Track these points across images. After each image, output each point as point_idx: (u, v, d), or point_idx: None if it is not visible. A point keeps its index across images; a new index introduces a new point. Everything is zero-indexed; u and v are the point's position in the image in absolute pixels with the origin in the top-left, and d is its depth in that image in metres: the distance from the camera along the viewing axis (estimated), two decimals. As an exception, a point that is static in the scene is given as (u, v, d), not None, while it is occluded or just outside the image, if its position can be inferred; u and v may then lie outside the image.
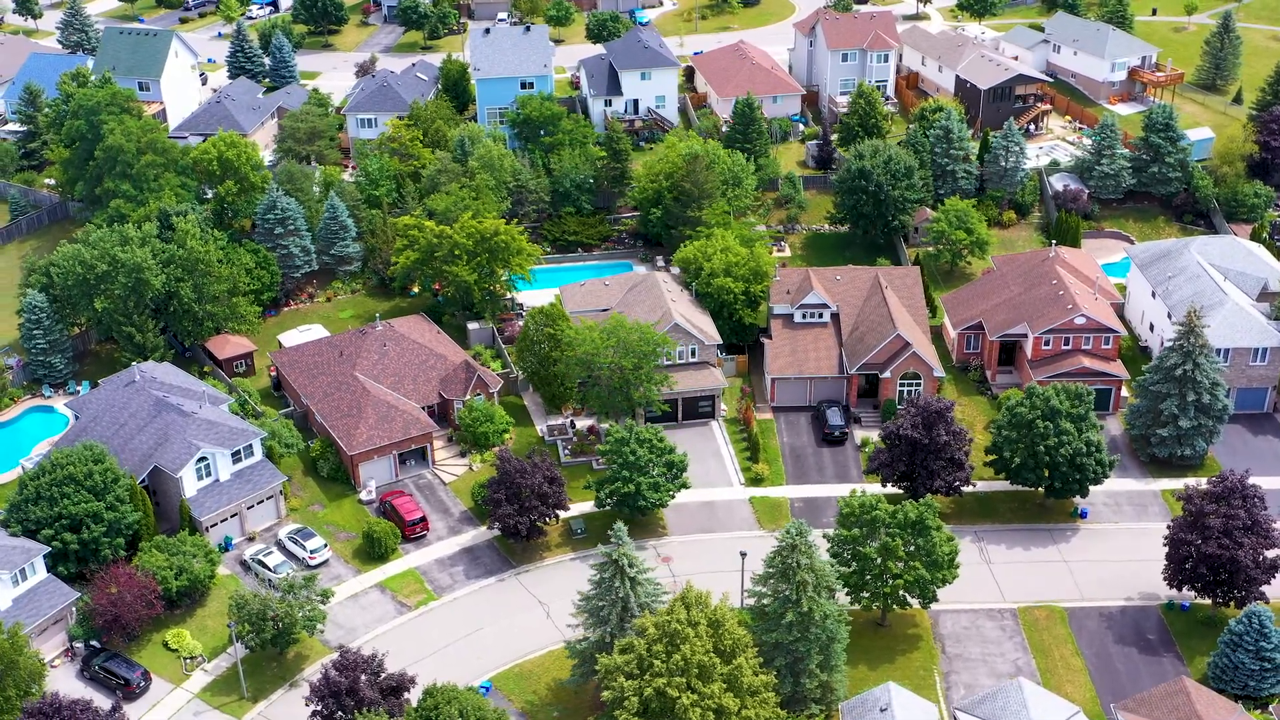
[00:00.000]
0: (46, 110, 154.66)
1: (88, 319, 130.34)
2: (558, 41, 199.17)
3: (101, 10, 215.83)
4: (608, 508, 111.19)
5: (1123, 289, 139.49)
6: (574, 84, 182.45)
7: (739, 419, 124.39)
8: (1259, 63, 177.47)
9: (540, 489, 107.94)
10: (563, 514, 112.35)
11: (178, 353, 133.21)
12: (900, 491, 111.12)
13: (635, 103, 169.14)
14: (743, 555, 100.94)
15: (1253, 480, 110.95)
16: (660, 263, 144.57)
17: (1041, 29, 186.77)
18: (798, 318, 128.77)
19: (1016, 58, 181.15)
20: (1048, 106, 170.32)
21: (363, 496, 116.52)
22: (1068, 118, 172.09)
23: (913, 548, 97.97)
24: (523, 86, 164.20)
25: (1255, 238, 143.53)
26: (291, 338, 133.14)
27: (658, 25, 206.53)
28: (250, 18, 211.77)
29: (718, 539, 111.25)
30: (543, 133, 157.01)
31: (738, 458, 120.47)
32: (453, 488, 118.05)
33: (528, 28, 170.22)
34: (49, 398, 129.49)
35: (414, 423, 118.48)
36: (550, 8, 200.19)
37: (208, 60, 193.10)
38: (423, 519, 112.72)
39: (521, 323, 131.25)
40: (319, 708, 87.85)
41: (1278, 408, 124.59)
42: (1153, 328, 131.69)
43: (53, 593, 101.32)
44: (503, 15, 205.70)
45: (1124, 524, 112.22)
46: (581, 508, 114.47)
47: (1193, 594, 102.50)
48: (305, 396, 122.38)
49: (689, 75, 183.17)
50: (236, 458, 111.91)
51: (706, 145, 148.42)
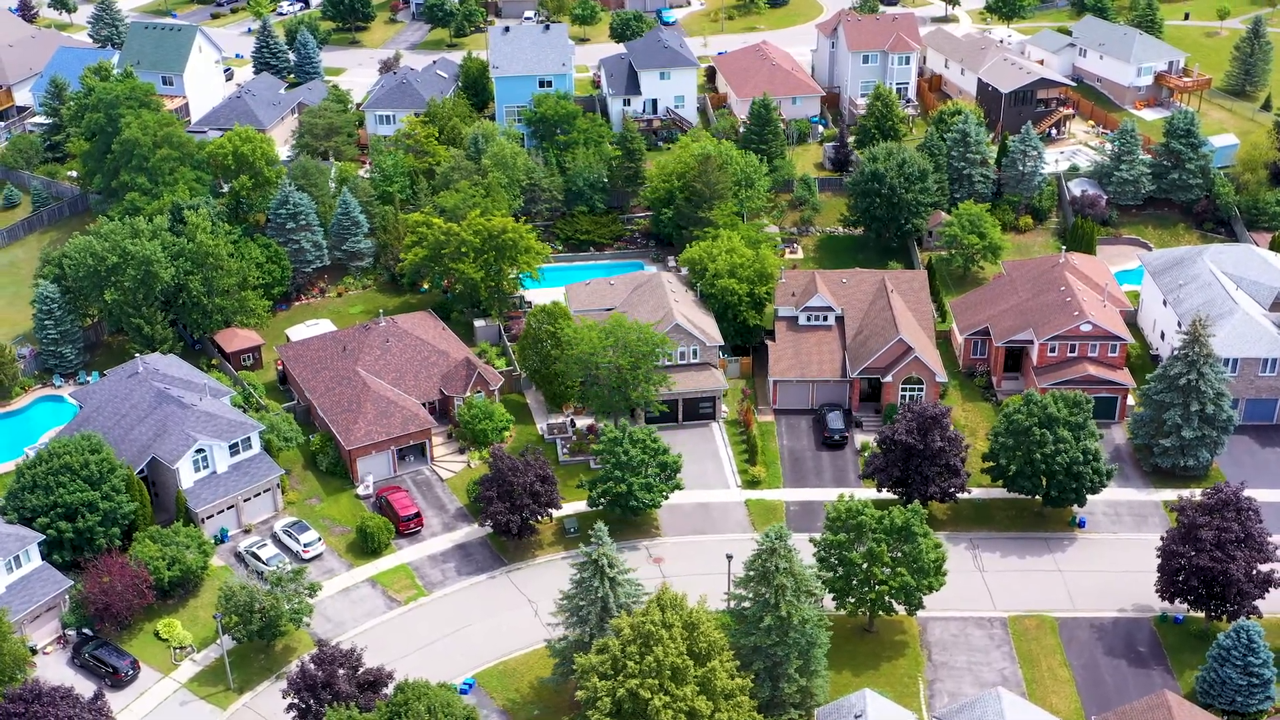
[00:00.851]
0: (70, 103, 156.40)
1: (98, 310, 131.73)
2: (582, 40, 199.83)
3: (135, 5, 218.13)
4: (600, 507, 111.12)
5: (1136, 296, 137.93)
6: (595, 83, 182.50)
7: (739, 421, 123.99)
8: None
9: (532, 487, 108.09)
10: (556, 513, 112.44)
11: (187, 345, 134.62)
12: (895, 497, 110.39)
13: (654, 102, 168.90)
14: (729, 558, 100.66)
15: (1259, 493, 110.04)
16: (671, 263, 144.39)
17: (1069, 33, 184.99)
18: (802, 320, 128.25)
19: (1042, 61, 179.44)
20: (1070, 111, 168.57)
21: (360, 491, 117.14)
22: (1091, 122, 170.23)
23: (899, 554, 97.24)
24: (541, 85, 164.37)
25: (1275, 246, 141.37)
26: (299, 332, 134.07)
27: (684, 25, 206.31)
28: (281, 14, 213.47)
29: (711, 541, 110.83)
30: (558, 131, 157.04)
31: (736, 460, 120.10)
32: (450, 484, 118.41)
33: (547, 26, 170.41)
34: (59, 387, 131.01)
35: (413, 419, 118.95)
36: (576, 6, 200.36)
37: (235, 55, 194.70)
38: (417, 515, 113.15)
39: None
40: (295, 700, 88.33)
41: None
42: (1164, 336, 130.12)
43: (46, 580, 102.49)
44: (529, 13, 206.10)
45: (1123, 534, 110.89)
46: (576, 507, 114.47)
47: (1185, 607, 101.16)
48: (308, 391, 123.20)
49: (710, 76, 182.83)
50: (234, 450, 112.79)
51: (720, 146, 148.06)
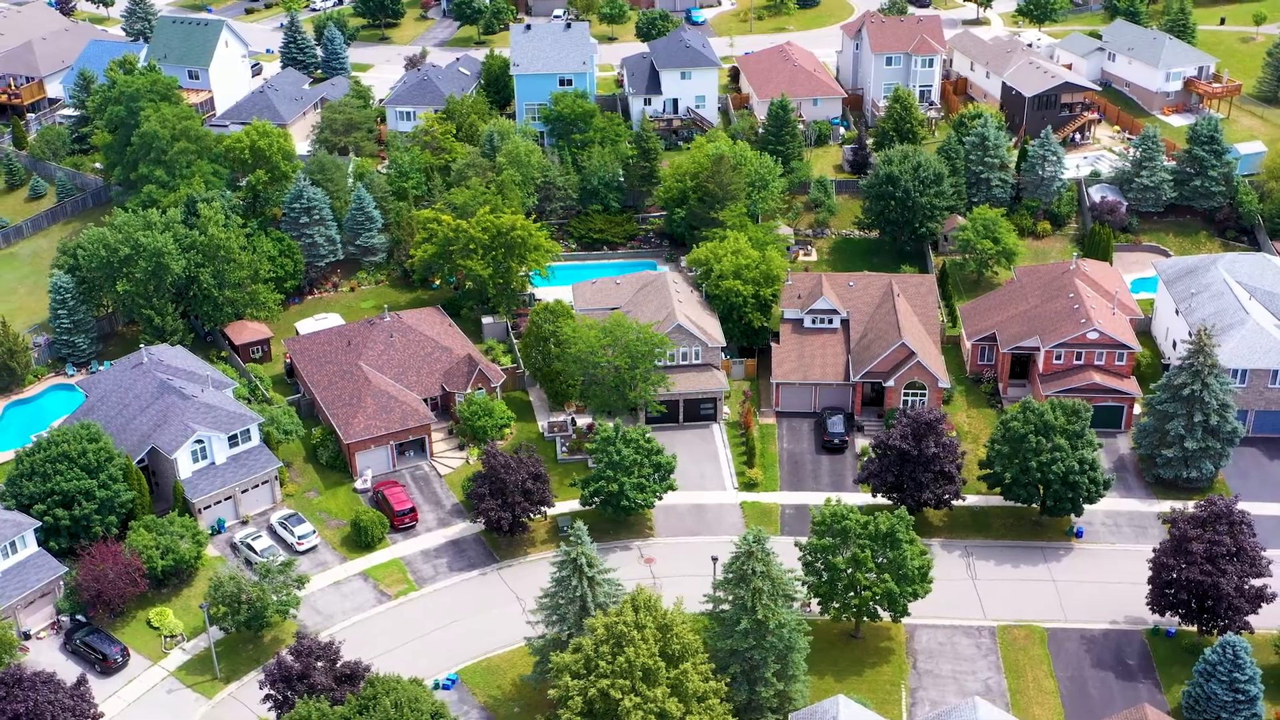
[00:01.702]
0: (95, 96, 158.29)
1: (111, 301, 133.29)
2: (610, 39, 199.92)
3: (170, 0, 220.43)
4: (593, 506, 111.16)
5: (1151, 305, 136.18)
6: (619, 82, 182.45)
7: (740, 423, 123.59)
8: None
9: (524, 485, 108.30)
10: (550, 511, 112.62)
11: (199, 337, 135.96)
12: (890, 502, 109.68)
13: (675, 102, 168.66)
14: (714, 560, 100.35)
15: (1265, 507, 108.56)
16: (681, 263, 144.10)
17: (1099, 36, 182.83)
18: (807, 323, 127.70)
19: (1070, 65, 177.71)
20: (1095, 115, 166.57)
21: (358, 485, 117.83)
22: (1116, 128, 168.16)
23: (884, 560, 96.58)
24: (562, 83, 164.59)
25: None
26: (307, 326, 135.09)
27: (714, 25, 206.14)
28: (314, 9, 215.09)
29: (704, 542, 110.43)
30: (575, 130, 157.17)
31: (734, 462, 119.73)
32: (448, 480, 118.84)
33: (568, 25, 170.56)
34: (71, 376, 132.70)
35: (412, 414, 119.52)
36: (604, 5, 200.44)
37: (266, 51, 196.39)
38: (412, 510, 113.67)
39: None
40: (271, 691, 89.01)
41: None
42: (1176, 345, 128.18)
43: (41, 567, 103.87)
44: (558, 11, 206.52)
45: (1121, 545, 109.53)
46: (571, 506, 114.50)
47: (1177, 620, 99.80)
48: (311, 384, 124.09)
49: (734, 76, 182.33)
50: (233, 442, 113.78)
51: (734, 146, 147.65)
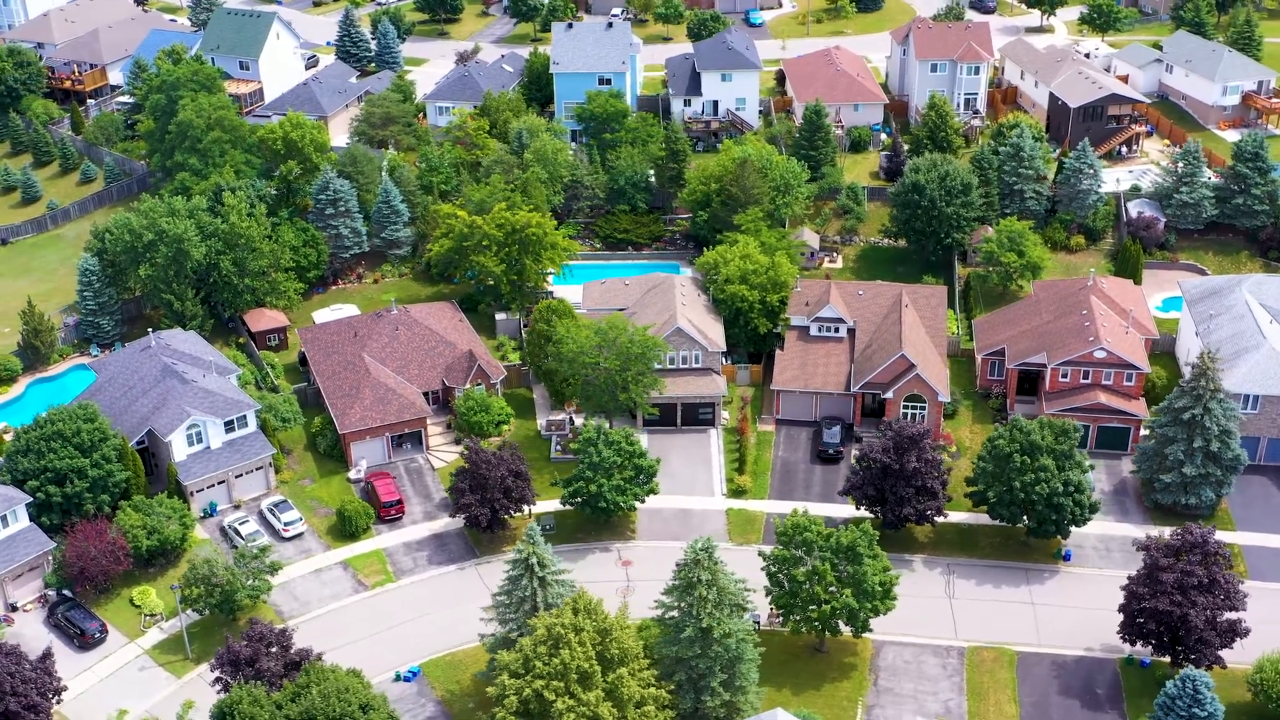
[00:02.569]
0: (144, 84, 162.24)
1: (134, 284, 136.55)
2: (666, 39, 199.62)
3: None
4: (572, 507, 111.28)
5: (1177, 325, 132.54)
6: (664, 83, 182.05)
7: (736, 428, 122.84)
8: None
9: (504, 482, 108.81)
10: (531, 509, 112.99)
11: (221, 322, 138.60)
12: (872, 515, 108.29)
13: (715, 104, 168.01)
14: (678, 566, 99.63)
15: (1269, 539, 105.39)
16: (693, 266, 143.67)
17: (1160, 48, 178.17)
18: (813, 331, 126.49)
19: (1126, 77, 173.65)
20: (1144, 128, 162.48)
21: (351, 475, 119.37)
22: (1167, 141, 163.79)
23: (844, 575, 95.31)
24: (601, 82, 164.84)
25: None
26: (324, 316, 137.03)
27: (771, 28, 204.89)
28: (380, 3, 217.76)
29: (683, 547, 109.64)
30: (606, 129, 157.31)
31: (726, 468, 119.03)
32: (441, 474, 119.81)
33: (609, 24, 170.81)
34: (95, 357, 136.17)
35: (409, 407, 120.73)
36: (660, 5, 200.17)
37: (326, 43, 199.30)
38: (398, 502, 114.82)
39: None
40: (220, 675, 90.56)
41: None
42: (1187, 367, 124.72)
43: (30, 541, 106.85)
44: (616, 10, 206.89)
45: (1109, 571, 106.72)
46: (556, 505, 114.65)
47: (1150, 650, 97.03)
48: (317, 373, 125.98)
49: (780, 79, 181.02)
50: (229, 427, 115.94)
51: (760, 150, 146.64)
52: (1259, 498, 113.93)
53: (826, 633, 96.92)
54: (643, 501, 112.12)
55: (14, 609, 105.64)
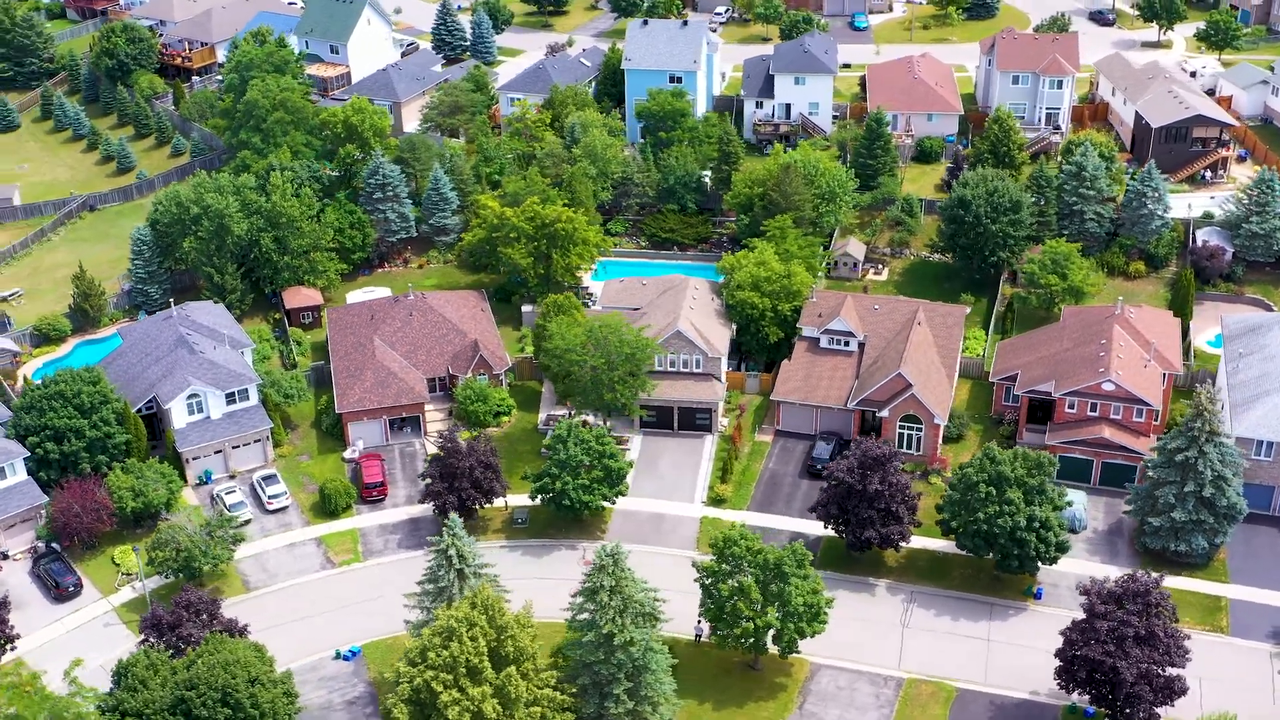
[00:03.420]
0: (229, 64, 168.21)
1: (180, 256, 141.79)
2: (765, 39, 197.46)
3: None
4: (539, 502, 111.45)
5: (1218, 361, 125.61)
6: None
7: (730, 436, 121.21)
8: None
9: (473, 473, 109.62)
10: (507, 501, 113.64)
11: (265, 298, 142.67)
12: (839, 535, 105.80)
13: (787, 107, 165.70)
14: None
15: (1265, 595, 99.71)
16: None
17: (1272, 69, 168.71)
18: (823, 343, 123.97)
19: (1230, 98, 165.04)
20: (1235, 152, 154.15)
21: (346, 455, 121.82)
22: (1259, 167, 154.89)
23: (770, 593, 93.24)
24: (671, 80, 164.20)
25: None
26: (356, 297, 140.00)
27: (876, 32, 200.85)
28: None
29: (649, 552, 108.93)
30: (663, 128, 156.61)
31: (712, 475, 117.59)
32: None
33: (685, 22, 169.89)
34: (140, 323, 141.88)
35: (407, 391, 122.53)
36: (760, 5, 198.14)
37: (429, 31, 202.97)
38: (380, 484, 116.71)
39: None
40: (145, 637, 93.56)
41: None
42: (1223, 406, 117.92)
43: (25, 494, 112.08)
44: (721, 8, 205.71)
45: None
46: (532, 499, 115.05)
47: (1088, 699, 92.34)
48: (332, 353, 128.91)
49: (863, 85, 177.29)
50: (230, 399, 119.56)
51: (809, 156, 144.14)
52: (1265, 550, 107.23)
53: (757, 651, 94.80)
54: (612, 503, 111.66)
55: (4, 556, 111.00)
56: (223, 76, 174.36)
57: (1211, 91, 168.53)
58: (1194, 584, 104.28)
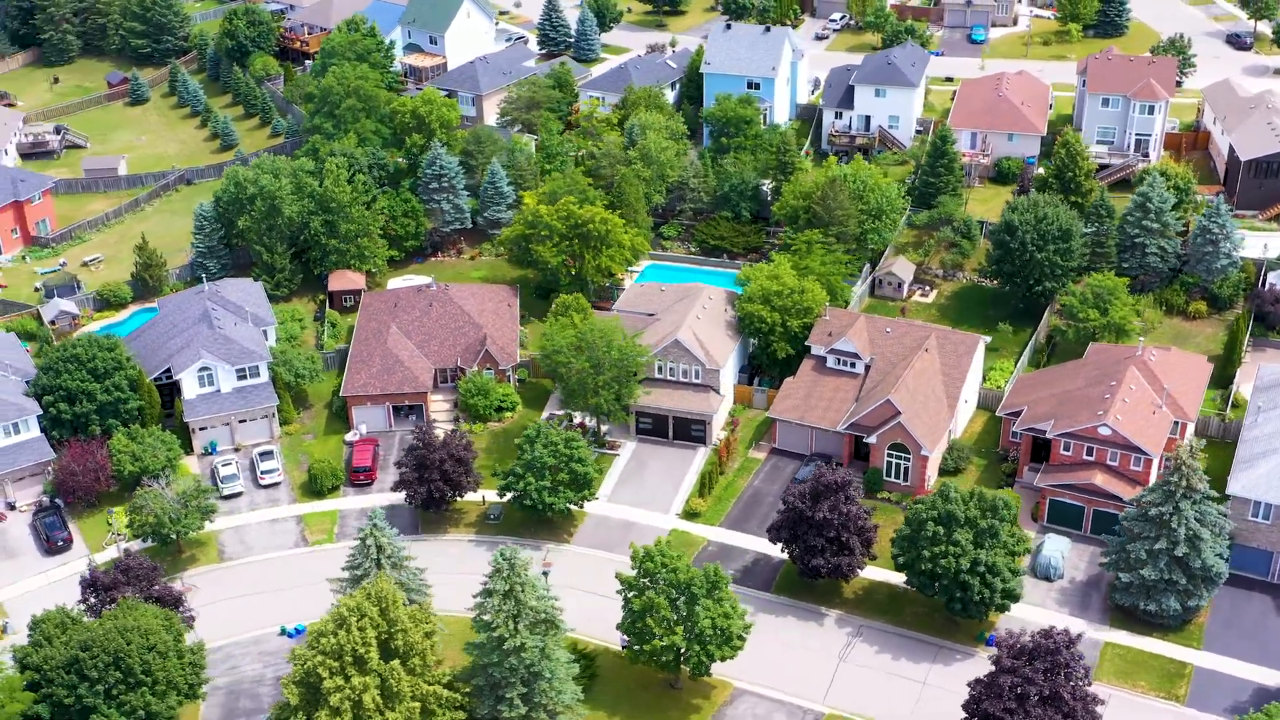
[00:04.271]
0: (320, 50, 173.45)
1: (238, 233, 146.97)
2: (874, 49, 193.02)
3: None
4: (507, 500, 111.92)
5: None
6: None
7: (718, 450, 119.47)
8: None
9: (443, 466, 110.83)
10: (477, 495, 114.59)
11: (316, 278, 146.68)
12: (787, 559, 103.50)
13: (867, 119, 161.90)
14: (544, 572, 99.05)
15: (1247, 669, 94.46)
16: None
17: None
18: (830, 362, 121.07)
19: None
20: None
21: (347, 437, 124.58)
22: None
23: (680, 613, 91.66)
24: (750, 86, 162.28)
25: None
26: (397, 284, 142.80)
27: (995, 46, 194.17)
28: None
29: (611, 559, 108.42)
30: (726, 134, 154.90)
31: (694, 488, 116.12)
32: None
33: (768, 28, 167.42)
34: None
35: (411, 380, 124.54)
36: (872, 14, 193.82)
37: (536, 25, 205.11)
38: (369, 469, 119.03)
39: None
40: (84, 596, 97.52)
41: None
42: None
43: (35, 450, 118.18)
44: (836, 15, 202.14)
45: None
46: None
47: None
48: (356, 337, 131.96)
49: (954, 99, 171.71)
50: (241, 375, 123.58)
51: (860, 171, 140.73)
52: (1251, 618, 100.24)
53: (668, 670, 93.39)
54: (579, 506, 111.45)
55: (11, 507, 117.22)
56: (313, 62, 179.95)
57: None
58: (1163, 647, 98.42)
